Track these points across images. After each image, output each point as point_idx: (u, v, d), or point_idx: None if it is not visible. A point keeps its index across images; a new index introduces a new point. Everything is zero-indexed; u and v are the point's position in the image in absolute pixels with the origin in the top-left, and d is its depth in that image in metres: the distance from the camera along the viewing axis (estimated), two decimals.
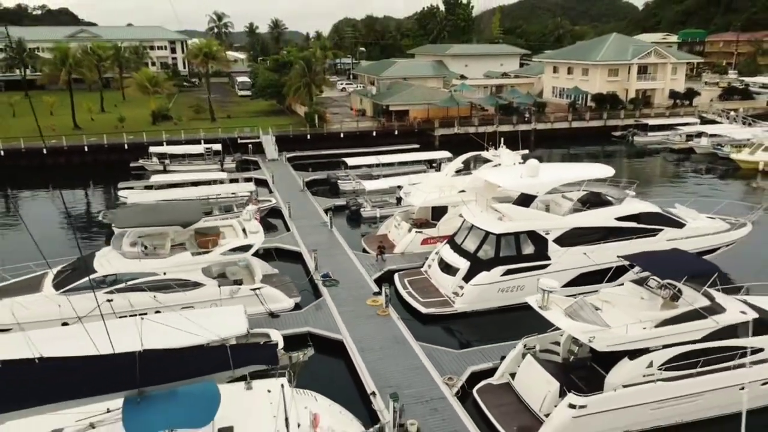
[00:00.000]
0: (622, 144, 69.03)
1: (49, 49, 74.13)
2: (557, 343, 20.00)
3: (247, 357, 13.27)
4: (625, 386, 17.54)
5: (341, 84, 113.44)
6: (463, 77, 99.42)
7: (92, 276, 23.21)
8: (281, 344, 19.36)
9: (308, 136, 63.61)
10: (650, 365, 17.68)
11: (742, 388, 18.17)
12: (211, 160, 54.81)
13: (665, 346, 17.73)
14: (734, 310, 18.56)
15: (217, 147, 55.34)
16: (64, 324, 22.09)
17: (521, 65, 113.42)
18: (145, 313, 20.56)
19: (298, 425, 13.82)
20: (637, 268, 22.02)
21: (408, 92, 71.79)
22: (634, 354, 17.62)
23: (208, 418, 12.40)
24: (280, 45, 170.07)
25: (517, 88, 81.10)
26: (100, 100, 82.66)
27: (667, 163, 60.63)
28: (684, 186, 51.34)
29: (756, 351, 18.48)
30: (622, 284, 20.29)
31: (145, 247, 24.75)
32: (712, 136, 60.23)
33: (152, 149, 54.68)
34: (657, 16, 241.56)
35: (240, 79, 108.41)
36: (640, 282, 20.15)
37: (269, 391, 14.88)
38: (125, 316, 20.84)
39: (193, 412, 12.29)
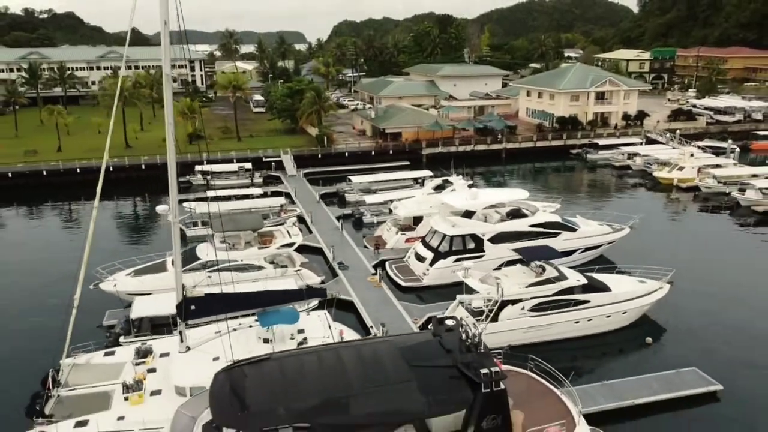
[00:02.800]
0: (577, 160, 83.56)
1: (105, 81, 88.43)
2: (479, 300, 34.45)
3: (312, 293, 28.06)
4: (509, 320, 31.99)
5: (343, 100, 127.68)
6: (452, 97, 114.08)
7: (199, 262, 37.68)
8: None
9: (319, 155, 78.16)
10: (523, 308, 32.13)
11: (577, 322, 32.83)
12: (243, 176, 69.30)
13: (532, 298, 32.22)
14: (573, 278, 33.05)
15: (248, 165, 69.93)
16: None
17: (504, 84, 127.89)
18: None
19: (335, 329, 28.30)
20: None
21: (401, 116, 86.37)
22: (514, 302, 32.08)
23: (294, 321, 26.90)
24: (286, 59, 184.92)
25: (492, 113, 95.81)
26: (140, 119, 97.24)
27: (607, 178, 75.16)
28: (610, 197, 66.04)
29: (584, 302, 32.93)
30: (516, 265, 34.85)
31: (229, 244, 39.21)
32: (644, 155, 74.77)
33: (197, 167, 69.11)
34: (641, 27, 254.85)
35: (255, 97, 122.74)
36: (527, 263, 34.69)
37: (318, 317, 29.38)
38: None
39: (287, 317, 26.81)
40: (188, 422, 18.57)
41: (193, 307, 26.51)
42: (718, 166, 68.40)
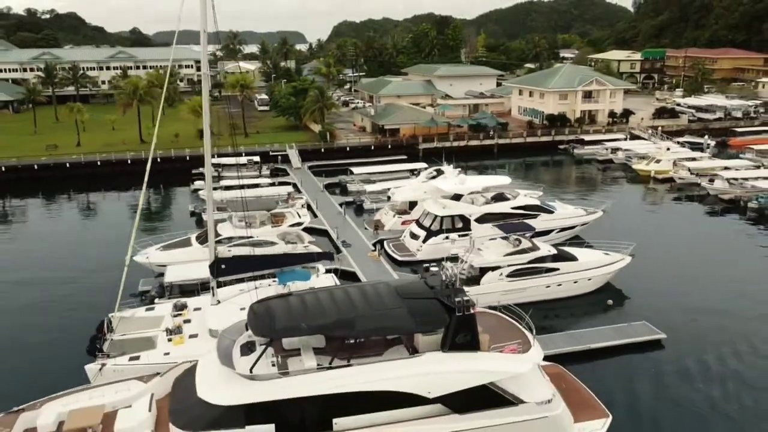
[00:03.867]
0: (565, 155, 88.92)
1: (124, 83, 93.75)
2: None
3: (322, 256, 33.42)
4: (489, 283, 37.28)
5: (343, 98, 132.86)
6: (448, 96, 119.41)
7: (219, 237, 42.94)
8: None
9: (322, 150, 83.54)
10: (501, 274, 37.45)
11: (548, 287, 38.17)
12: (252, 168, 74.49)
13: (509, 265, 37.54)
14: (544, 249, 38.40)
15: (256, 159, 75.18)
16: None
17: (498, 84, 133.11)
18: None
19: None
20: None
21: (399, 114, 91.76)
22: (493, 269, 37.42)
23: (307, 279, 32.24)
24: (288, 59, 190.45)
25: (485, 110, 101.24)
26: (152, 116, 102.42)
27: (591, 170, 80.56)
28: (592, 187, 71.53)
29: (554, 269, 38.25)
30: (496, 239, 40.20)
31: (246, 223, 44.51)
32: (625, 150, 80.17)
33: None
34: (636, 28, 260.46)
35: (259, 96, 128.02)
36: (506, 237, 40.03)
37: (327, 278, 34.72)
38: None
39: (301, 276, 32.18)
40: (229, 343, 23.77)
41: (223, 266, 31.88)
42: (693, 159, 73.80)
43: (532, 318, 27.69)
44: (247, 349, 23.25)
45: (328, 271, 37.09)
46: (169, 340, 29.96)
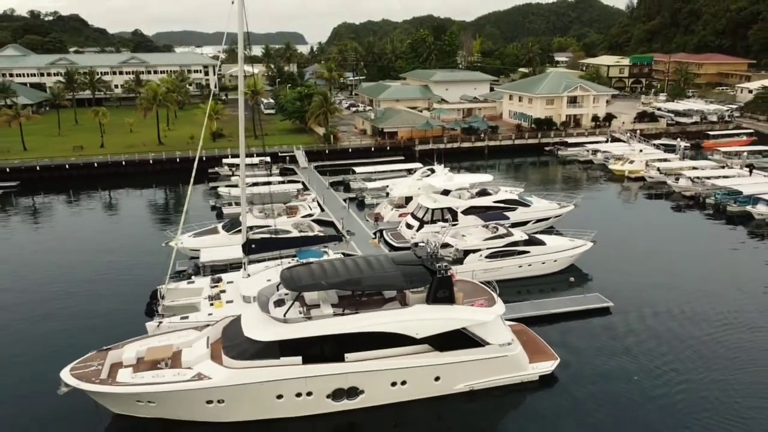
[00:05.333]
0: (550, 156, 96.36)
1: (144, 89, 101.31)
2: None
3: (332, 238, 41.19)
4: (471, 263, 44.66)
5: (345, 103, 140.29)
6: (443, 100, 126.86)
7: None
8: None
9: (327, 151, 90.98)
10: (481, 255, 44.88)
11: (520, 267, 45.65)
12: (263, 167, 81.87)
13: (487, 248, 44.96)
14: (517, 235, 45.84)
15: (267, 159, 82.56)
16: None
17: (491, 89, 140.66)
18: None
19: None
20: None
21: (397, 118, 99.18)
22: (475, 251, 44.85)
23: (319, 256, 39.67)
24: (291, 62, 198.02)
25: (477, 115, 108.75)
26: (167, 119, 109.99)
27: (572, 170, 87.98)
28: (571, 184, 78.82)
29: (525, 252, 45.67)
30: (477, 227, 47.64)
31: (264, 214, 51.94)
32: (604, 152, 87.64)
33: (224, 161, 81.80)
34: (628, 33, 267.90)
35: (265, 100, 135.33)
36: (486, 225, 47.47)
37: (335, 257, 42.15)
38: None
39: (316, 255, 39.61)
40: (265, 299, 31.20)
41: (253, 246, 39.29)
42: (664, 160, 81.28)
43: (506, 292, 34.88)
44: (279, 303, 30.72)
45: (335, 254, 44.57)
46: (211, 304, 37.35)
